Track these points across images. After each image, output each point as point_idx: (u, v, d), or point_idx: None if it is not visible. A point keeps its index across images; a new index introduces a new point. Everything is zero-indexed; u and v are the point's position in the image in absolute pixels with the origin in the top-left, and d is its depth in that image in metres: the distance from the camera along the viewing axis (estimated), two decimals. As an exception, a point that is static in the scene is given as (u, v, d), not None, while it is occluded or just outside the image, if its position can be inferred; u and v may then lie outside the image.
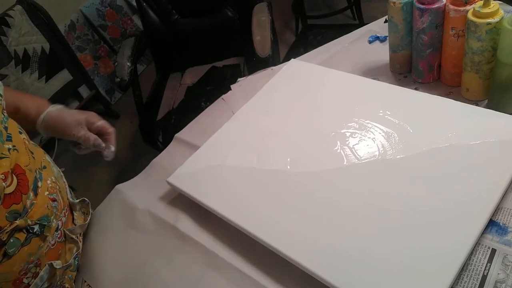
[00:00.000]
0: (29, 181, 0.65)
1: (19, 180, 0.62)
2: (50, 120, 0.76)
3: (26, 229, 0.63)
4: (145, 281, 0.71)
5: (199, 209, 0.76)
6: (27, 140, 0.71)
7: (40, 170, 0.70)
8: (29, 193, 0.64)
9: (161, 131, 1.67)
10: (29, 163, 0.66)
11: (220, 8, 1.82)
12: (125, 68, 1.63)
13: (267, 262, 0.66)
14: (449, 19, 0.75)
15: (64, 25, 2.32)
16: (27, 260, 0.64)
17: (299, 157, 0.75)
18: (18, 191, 0.62)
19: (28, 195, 0.64)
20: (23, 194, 0.63)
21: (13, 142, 0.64)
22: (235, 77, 1.13)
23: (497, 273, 0.53)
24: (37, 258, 0.66)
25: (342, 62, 0.99)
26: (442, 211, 0.60)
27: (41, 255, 0.66)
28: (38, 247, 0.65)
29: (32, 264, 0.65)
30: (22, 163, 0.64)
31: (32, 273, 0.65)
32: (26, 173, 0.64)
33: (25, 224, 0.62)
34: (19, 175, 0.63)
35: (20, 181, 0.63)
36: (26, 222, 0.62)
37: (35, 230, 0.64)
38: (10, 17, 1.91)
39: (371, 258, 0.58)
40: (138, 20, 2.58)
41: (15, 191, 0.61)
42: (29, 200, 0.64)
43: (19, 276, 0.63)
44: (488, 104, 0.77)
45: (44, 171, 0.72)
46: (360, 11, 2.25)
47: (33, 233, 0.64)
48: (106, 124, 0.79)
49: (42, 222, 0.65)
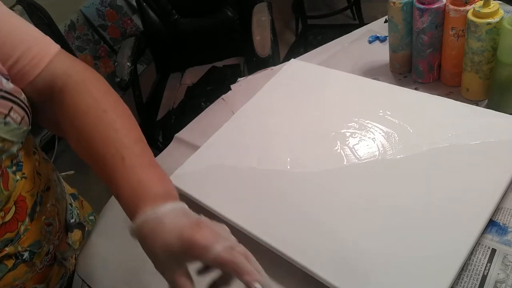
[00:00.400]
0: (28, 207, 0.59)
1: (17, 208, 0.57)
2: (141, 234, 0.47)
3: (15, 255, 0.59)
4: (146, 281, 0.71)
5: (200, 209, 0.76)
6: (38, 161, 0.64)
7: (42, 193, 0.64)
8: (25, 219, 0.59)
9: (161, 131, 1.67)
10: (33, 187, 0.60)
11: (220, 8, 1.82)
12: (125, 68, 1.63)
13: (267, 262, 0.66)
14: (449, 19, 0.75)
15: (64, 25, 2.32)
16: (12, 284, 0.60)
17: (299, 157, 0.75)
18: (15, 219, 0.57)
19: (23, 221, 0.59)
20: (19, 221, 0.58)
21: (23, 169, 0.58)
22: (235, 77, 1.13)
23: (497, 273, 0.53)
24: (22, 282, 0.62)
25: (342, 62, 0.99)
26: (442, 211, 0.60)
27: (27, 279, 0.63)
28: (24, 273, 0.62)
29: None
30: (25, 189, 0.58)
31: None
32: (27, 199, 0.59)
33: (15, 251, 0.58)
34: (19, 202, 0.58)
35: (18, 209, 0.57)
36: (16, 248, 0.58)
37: (24, 256, 0.60)
38: (10, 17, 1.91)
39: (371, 258, 0.58)
40: (138, 20, 2.58)
41: (11, 219, 0.56)
42: (23, 226, 0.59)
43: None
44: (488, 104, 0.77)
45: (46, 193, 0.65)
46: (360, 11, 2.25)
47: (22, 259, 0.60)
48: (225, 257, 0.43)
49: (32, 249, 0.61)
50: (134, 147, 0.51)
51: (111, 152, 0.49)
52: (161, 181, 0.49)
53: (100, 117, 0.52)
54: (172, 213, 0.46)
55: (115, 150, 0.49)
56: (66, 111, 0.54)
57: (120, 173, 0.48)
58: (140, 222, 0.46)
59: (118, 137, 0.51)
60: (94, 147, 0.51)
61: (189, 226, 0.45)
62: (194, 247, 0.43)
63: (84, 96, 0.55)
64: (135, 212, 0.46)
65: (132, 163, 0.49)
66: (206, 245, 0.43)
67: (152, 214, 0.45)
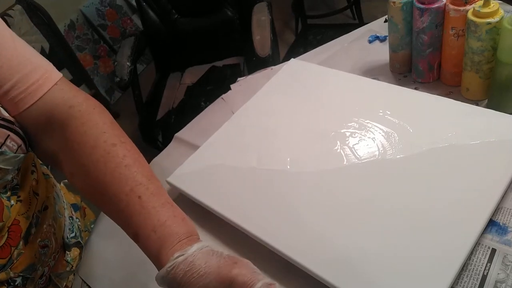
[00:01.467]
0: (22, 231, 0.56)
1: (10, 233, 0.54)
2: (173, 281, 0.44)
3: (7, 281, 0.55)
4: (146, 281, 0.71)
5: (200, 210, 0.76)
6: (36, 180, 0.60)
7: (38, 213, 0.60)
8: (19, 242, 0.55)
9: (161, 130, 1.67)
10: (28, 209, 0.57)
11: (220, 8, 1.82)
12: (124, 68, 1.63)
13: (267, 262, 0.66)
14: (449, 19, 0.75)
15: (64, 25, 2.32)
16: None
17: (299, 157, 0.75)
18: (7, 244, 0.53)
19: (17, 245, 0.55)
20: (12, 246, 0.54)
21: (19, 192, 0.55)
22: (235, 77, 1.13)
23: (497, 273, 0.53)
24: None
25: (342, 62, 0.99)
26: (442, 211, 0.60)
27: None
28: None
29: None
30: (20, 212, 0.55)
31: None
32: (21, 222, 0.55)
33: (6, 277, 0.54)
34: (11, 227, 0.54)
35: (11, 234, 0.54)
36: (8, 275, 0.55)
37: (16, 282, 0.56)
38: (9, 17, 1.91)
39: (371, 258, 0.58)
40: (138, 20, 2.58)
41: (4, 245, 0.53)
42: (17, 251, 0.55)
43: None
44: (488, 104, 0.77)
45: (43, 213, 0.62)
46: (360, 11, 2.25)
47: (14, 285, 0.56)
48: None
49: (25, 275, 0.57)
50: (149, 184, 0.49)
51: (125, 191, 0.47)
52: (183, 221, 0.48)
53: (109, 152, 0.49)
54: (202, 254, 0.44)
55: (129, 189, 0.47)
56: (70, 146, 0.51)
57: (138, 214, 0.47)
58: (170, 268, 0.44)
59: (132, 175, 0.48)
60: (105, 185, 0.48)
61: (225, 265, 0.43)
62: (235, 286, 0.42)
63: (91, 129, 0.51)
64: (161, 256, 0.45)
65: (150, 202, 0.47)
66: (246, 282, 0.42)
67: (182, 258, 0.44)
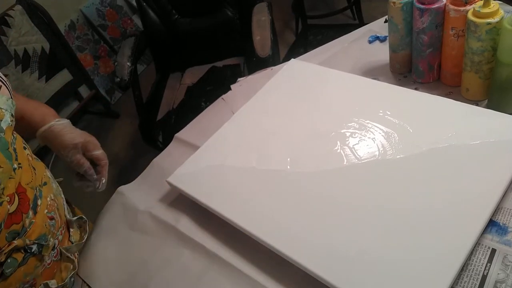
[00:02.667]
0: (30, 200, 0.63)
1: (20, 199, 0.61)
2: (50, 134, 0.73)
3: (24, 249, 0.61)
4: (146, 281, 0.71)
5: (200, 210, 0.76)
6: (30, 156, 0.69)
7: (40, 187, 0.68)
8: (28, 212, 0.62)
9: (161, 131, 1.67)
10: (31, 180, 0.65)
11: (220, 8, 1.82)
12: (125, 68, 1.63)
13: (267, 262, 0.66)
14: (449, 19, 0.75)
15: (64, 25, 2.32)
16: (23, 280, 0.62)
17: (299, 157, 0.75)
18: (19, 210, 0.60)
19: (27, 214, 0.62)
20: (24, 213, 0.61)
21: (19, 159, 0.62)
22: (235, 77, 1.13)
23: (497, 273, 0.53)
24: (32, 278, 0.64)
25: (342, 62, 0.99)
26: (442, 211, 0.60)
27: (37, 275, 0.65)
28: (34, 267, 0.64)
29: (27, 284, 0.63)
30: (24, 181, 0.63)
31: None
32: (27, 191, 0.63)
33: (23, 244, 0.60)
34: (20, 194, 0.61)
35: (21, 200, 0.61)
36: (24, 242, 0.60)
37: (33, 250, 0.62)
38: (10, 17, 1.91)
39: (371, 258, 0.58)
40: (138, 20, 2.58)
41: (16, 211, 0.59)
42: (28, 219, 0.62)
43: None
44: (488, 104, 0.77)
45: (44, 188, 0.69)
46: (360, 11, 2.25)
47: (31, 252, 0.62)
48: (102, 155, 0.76)
49: (40, 242, 0.63)
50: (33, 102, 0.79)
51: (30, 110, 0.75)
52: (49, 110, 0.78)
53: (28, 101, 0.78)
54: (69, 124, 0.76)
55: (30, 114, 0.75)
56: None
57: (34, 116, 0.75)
58: (51, 125, 0.74)
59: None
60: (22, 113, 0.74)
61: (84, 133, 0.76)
62: (92, 142, 0.75)
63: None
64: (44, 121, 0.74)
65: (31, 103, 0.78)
66: (96, 145, 0.75)
67: (60, 122, 0.75)
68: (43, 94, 2.08)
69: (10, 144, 0.60)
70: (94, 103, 2.49)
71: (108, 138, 2.35)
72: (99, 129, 2.43)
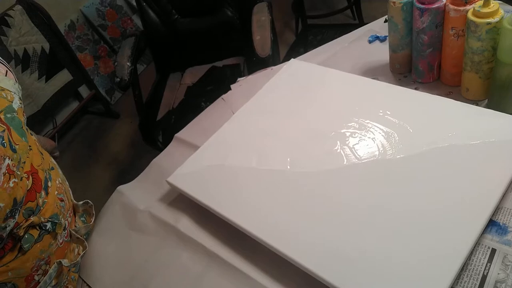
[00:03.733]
0: (41, 180, 0.67)
1: (34, 179, 0.65)
2: None
3: (39, 226, 0.66)
4: (146, 281, 0.71)
5: (199, 210, 0.76)
6: (37, 141, 0.74)
7: (49, 170, 0.73)
8: (41, 191, 0.67)
9: (161, 131, 1.67)
10: (41, 163, 0.69)
11: (220, 8, 1.82)
12: (125, 68, 1.63)
13: (267, 262, 0.66)
14: (449, 19, 0.75)
15: (64, 25, 2.32)
16: (39, 256, 0.66)
17: (299, 157, 0.75)
18: (33, 189, 0.65)
19: (40, 194, 0.66)
20: (37, 192, 0.65)
21: (29, 142, 0.66)
22: (235, 77, 1.13)
23: (497, 273, 0.53)
24: (47, 255, 0.68)
25: (342, 62, 0.99)
26: (442, 211, 0.60)
27: (51, 253, 0.69)
28: (49, 245, 0.68)
29: (43, 261, 0.67)
30: (35, 163, 0.67)
31: (42, 270, 0.68)
32: (39, 172, 0.67)
33: (38, 221, 0.65)
34: (33, 174, 0.66)
35: (34, 180, 0.65)
36: (39, 219, 0.65)
37: (47, 227, 0.67)
38: (10, 17, 1.91)
39: (371, 258, 0.58)
40: (138, 20, 2.58)
41: (31, 189, 0.64)
42: (41, 199, 0.66)
43: (31, 273, 0.66)
44: (488, 104, 0.77)
45: (52, 172, 0.74)
46: (360, 11, 2.25)
47: (46, 230, 0.67)
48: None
49: (53, 220, 0.68)
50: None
51: None
52: None
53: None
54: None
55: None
56: None
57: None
58: None
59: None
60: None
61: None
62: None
63: None
64: None
65: None
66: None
67: None
68: (43, 94, 2.08)
69: (24, 124, 0.65)
70: (94, 103, 2.49)
71: (108, 138, 2.34)
72: (99, 129, 2.43)
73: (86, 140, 2.39)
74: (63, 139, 2.39)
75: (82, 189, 1.99)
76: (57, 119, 2.30)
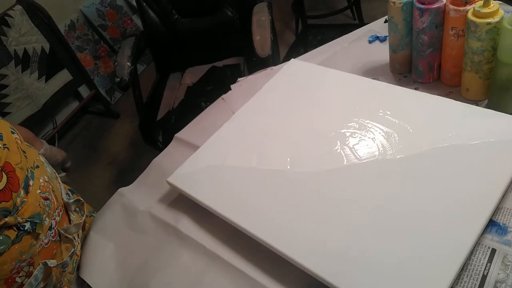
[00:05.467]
0: (20, 179, 0.66)
1: (9, 178, 0.63)
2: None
3: (17, 226, 0.63)
4: (146, 281, 0.71)
5: (199, 210, 0.76)
6: (19, 140, 0.72)
7: (32, 169, 0.71)
8: (19, 191, 0.65)
9: (161, 131, 1.67)
10: (20, 161, 0.67)
11: (220, 8, 1.82)
12: (125, 68, 1.63)
13: (267, 262, 0.66)
14: (449, 19, 0.75)
15: (64, 25, 2.32)
16: (19, 258, 0.64)
17: (299, 157, 0.75)
18: (8, 188, 0.63)
19: (18, 193, 0.64)
20: (13, 192, 0.63)
21: (4, 141, 0.66)
22: (235, 77, 1.13)
23: (497, 273, 0.53)
24: (29, 256, 0.66)
25: (342, 62, 0.99)
26: (442, 211, 0.60)
27: (34, 254, 0.67)
28: (30, 245, 0.66)
29: (24, 263, 0.65)
30: (13, 161, 0.66)
31: (25, 272, 0.66)
32: (16, 171, 0.65)
33: (14, 222, 0.62)
34: (9, 173, 0.64)
35: (10, 179, 0.64)
36: (16, 219, 0.63)
37: (26, 227, 0.64)
38: (10, 17, 1.91)
39: (371, 258, 0.58)
40: (138, 20, 2.58)
41: (5, 189, 0.62)
42: (19, 198, 0.64)
43: (11, 275, 0.64)
44: (488, 104, 0.77)
45: (37, 170, 0.72)
46: (360, 11, 2.25)
47: (24, 230, 0.64)
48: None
49: (33, 220, 0.66)
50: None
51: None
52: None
53: None
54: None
55: None
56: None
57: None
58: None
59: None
60: None
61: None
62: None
63: None
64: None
65: None
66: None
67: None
68: (43, 94, 2.08)
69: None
70: (94, 103, 2.49)
71: (108, 138, 2.35)
72: (99, 129, 2.43)
73: (86, 140, 2.39)
74: (63, 139, 2.39)
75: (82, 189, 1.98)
76: (57, 119, 2.31)
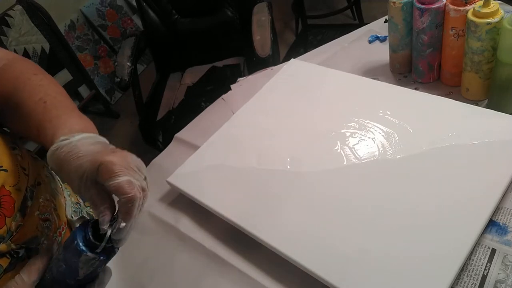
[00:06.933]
0: (16, 202, 0.57)
1: (2, 203, 0.55)
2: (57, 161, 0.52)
3: (10, 253, 0.56)
4: (146, 281, 0.71)
5: (199, 209, 0.76)
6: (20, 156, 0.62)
7: (32, 187, 0.62)
8: (15, 214, 0.57)
9: (161, 131, 1.67)
10: (18, 182, 0.59)
11: (220, 8, 1.82)
12: (125, 68, 1.63)
13: (267, 262, 0.66)
14: (449, 19, 0.75)
15: (64, 25, 2.32)
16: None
17: (299, 157, 0.75)
18: (1, 214, 0.55)
19: (13, 217, 0.56)
20: (7, 217, 0.56)
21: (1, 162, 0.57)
22: (235, 77, 1.13)
23: (497, 273, 0.53)
24: None
25: (342, 62, 0.99)
26: (442, 211, 0.60)
27: None
28: None
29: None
30: (8, 184, 0.57)
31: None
32: (12, 193, 0.57)
33: (7, 249, 0.55)
34: (3, 197, 0.55)
35: (4, 203, 0.55)
36: (9, 246, 0.55)
37: (20, 254, 0.57)
38: (10, 17, 1.91)
39: (371, 258, 0.58)
40: (138, 20, 2.58)
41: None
42: (14, 222, 0.56)
43: None
44: (488, 104, 0.77)
45: (38, 188, 0.63)
46: (360, 11, 2.25)
47: (18, 257, 0.57)
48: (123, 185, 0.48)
49: (29, 246, 0.58)
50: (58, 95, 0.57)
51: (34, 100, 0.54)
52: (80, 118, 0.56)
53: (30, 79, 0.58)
54: (87, 140, 0.52)
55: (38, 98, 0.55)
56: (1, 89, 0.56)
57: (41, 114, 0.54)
58: (54, 148, 0.50)
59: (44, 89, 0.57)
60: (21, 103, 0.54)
61: (104, 151, 0.50)
62: (108, 166, 0.47)
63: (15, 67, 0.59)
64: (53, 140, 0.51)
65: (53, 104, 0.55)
66: (113, 171, 0.47)
67: (66, 141, 0.50)
68: (43, 94, 2.08)
69: None
70: (94, 103, 2.49)
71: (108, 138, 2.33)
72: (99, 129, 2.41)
73: (86, 140, 2.39)
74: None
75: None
76: (57, 119, 2.30)
